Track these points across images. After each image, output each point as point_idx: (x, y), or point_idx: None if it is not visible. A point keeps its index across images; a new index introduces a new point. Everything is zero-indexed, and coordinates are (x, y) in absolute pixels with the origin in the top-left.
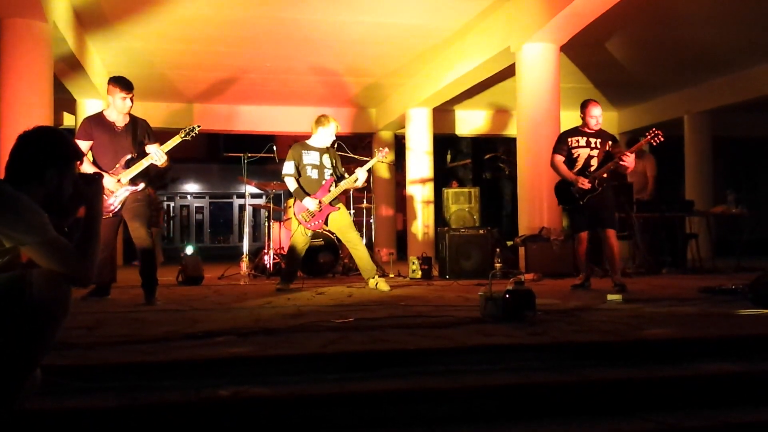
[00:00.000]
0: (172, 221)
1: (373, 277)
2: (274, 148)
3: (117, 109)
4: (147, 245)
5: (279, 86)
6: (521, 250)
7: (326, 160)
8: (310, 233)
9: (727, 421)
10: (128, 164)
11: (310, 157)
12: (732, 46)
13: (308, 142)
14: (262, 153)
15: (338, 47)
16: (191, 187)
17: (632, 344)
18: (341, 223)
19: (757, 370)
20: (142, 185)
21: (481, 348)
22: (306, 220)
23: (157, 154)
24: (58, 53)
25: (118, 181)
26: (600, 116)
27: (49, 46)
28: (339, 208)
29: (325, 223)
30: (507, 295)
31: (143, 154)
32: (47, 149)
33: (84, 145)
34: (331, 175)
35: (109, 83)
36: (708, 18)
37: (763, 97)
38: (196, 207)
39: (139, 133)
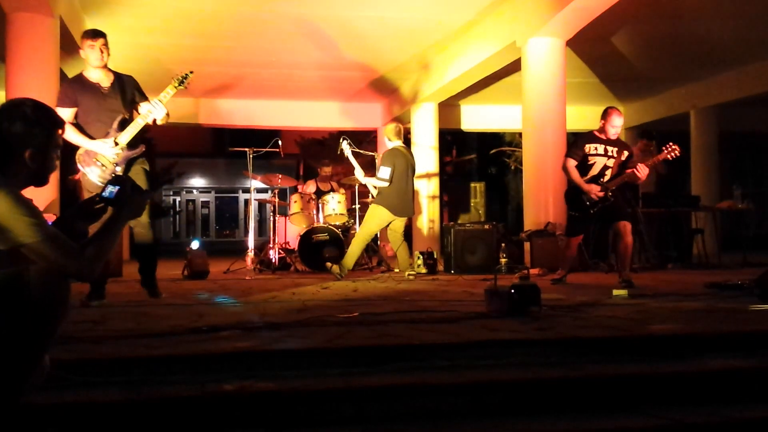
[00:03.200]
0: (178, 216)
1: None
2: (279, 142)
3: (92, 64)
4: (147, 238)
5: (284, 81)
6: (527, 245)
7: None
8: None
9: (732, 416)
10: (122, 126)
11: None
12: (739, 40)
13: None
14: (267, 148)
15: (343, 42)
16: (197, 181)
17: (638, 340)
18: None
19: (764, 366)
20: (141, 147)
21: (485, 343)
22: None
23: (157, 108)
24: (63, 48)
25: (116, 143)
26: (620, 126)
27: (55, 41)
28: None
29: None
30: (512, 290)
31: (136, 115)
32: (22, 125)
33: (67, 112)
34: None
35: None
36: (715, 12)
37: None
38: (201, 202)
39: (128, 91)
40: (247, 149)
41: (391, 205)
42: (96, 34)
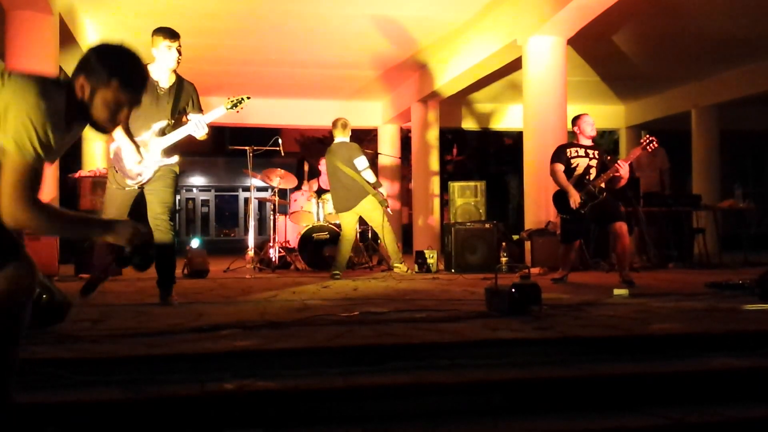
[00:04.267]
0: (177, 214)
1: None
2: (280, 141)
3: (165, 63)
4: (166, 238)
5: (284, 79)
6: (527, 244)
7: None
8: None
9: (733, 416)
10: (162, 132)
11: None
12: (740, 39)
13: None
14: (267, 146)
15: (344, 40)
16: (197, 180)
17: (639, 339)
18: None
19: (764, 366)
20: (176, 158)
21: (486, 342)
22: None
23: (198, 124)
24: (63, 46)
25: (139, 153)
26: (593, 126)
27: (55, 39)
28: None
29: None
30: (513, 289)
31: (180, 122)
32: (96, 55)
33: None
34: None
35: (152, 35)
36: (716, 10)
37: None
38: (201, 200)
39: (182, 98)
40: (247, 147)
41: (333, 204)
42: (174, 34)
